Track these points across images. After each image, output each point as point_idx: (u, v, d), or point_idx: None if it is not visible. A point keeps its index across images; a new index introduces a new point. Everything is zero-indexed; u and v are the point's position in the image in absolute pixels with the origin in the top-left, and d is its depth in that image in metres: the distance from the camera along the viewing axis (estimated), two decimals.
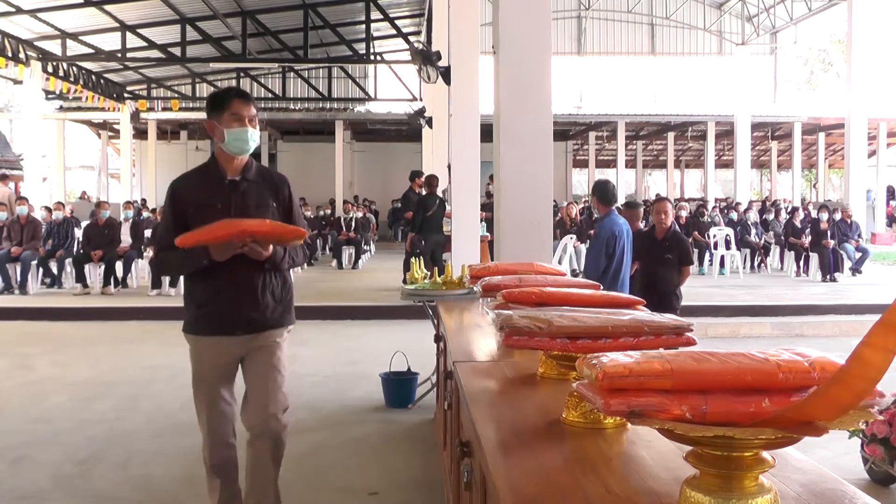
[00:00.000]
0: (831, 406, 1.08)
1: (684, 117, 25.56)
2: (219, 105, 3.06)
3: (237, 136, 3.03)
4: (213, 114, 3.07)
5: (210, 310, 3.06)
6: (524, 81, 4.95)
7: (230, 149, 3.05)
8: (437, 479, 3.96)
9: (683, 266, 6.25)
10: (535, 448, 1.62)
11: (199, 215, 2.95)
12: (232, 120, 3.03)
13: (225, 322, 3.06)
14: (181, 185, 3.12)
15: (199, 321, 3.10)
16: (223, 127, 3.03)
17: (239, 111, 3.03)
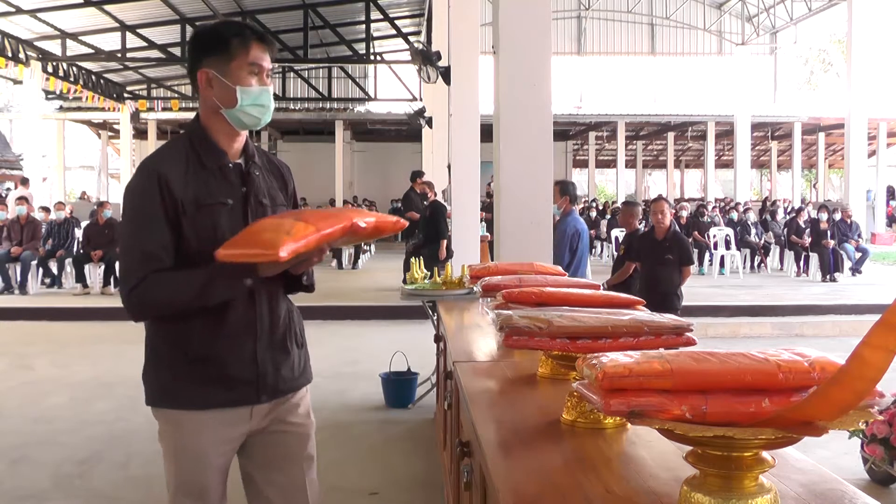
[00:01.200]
0: (831, 406, 1.08)
1: (684, 117, 25.57)
2: (222, 47, 1.94)
3: (256, 98, 1.95)
4: (212, 60, 1.95)
5: (220, 364, 1.94)
6: (524, 81, 4.95)
7: (241, 118, 1.96)
8: (437, 479, 3.96)
9: (684, 266, 6.25)
10: (535, 448, 1.62)
11: (202, 219, 1.91)
12: (248, 73, 1.95)
13: (246, 383, 1.97)
14: (167, 169, 1.91)
15: (196, 384, 1.93)
16: (231, 82, 1.93)
17: (259, 60, 1.97)
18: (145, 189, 1.91)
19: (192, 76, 1.99)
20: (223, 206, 1.95)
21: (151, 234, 1.89)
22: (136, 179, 1.95)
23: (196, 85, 1.98)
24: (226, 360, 1.95)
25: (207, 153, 1.98)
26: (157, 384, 1.98)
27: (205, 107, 2.00)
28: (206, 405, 1.95)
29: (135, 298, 1.87)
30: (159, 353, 1.98)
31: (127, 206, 1.94)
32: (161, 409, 2.00)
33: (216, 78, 1.95)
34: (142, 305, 1.89)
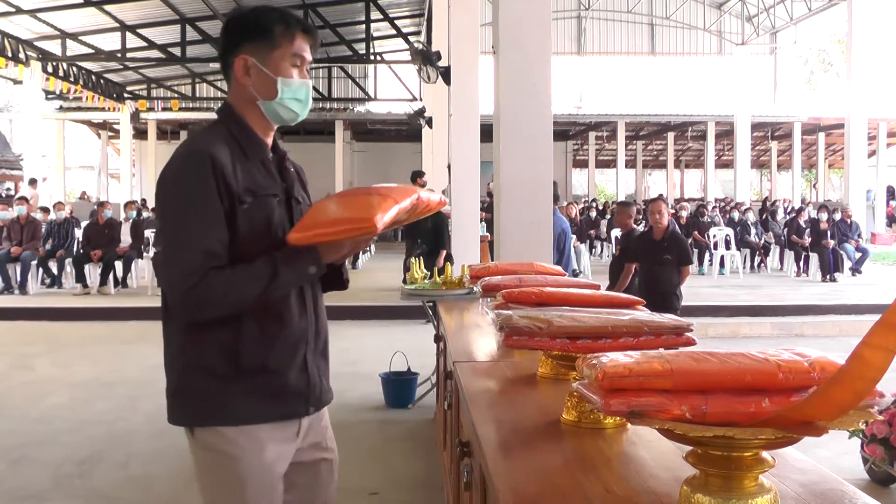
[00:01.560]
0: (831, 406, 1.08)
1: (684, 117, 25.57)
2: (265, 34, 1.79)
3: (296, 91, 1.82)
4: (252, 46, 1.80)
5: (276, 373, 1.76)
6: (524, 81, 4.94)
7: (279, 112, 1.82)
8: (437, 479, 3.96)
9: (682, 266, 6.25)
10: (535, 448, 1.62)
11: (258, 212, 1.75)
12: (290, 64, 1.81)
13: (297, 394, 1.80)
14: (219, 154, 1.71)
15: (251, 396, 1.73)
16: (272, 72, 1.79)
17: (302, 51, 1.83)
18: (199, 175, 1.68)
19: (226, 61, 1.83)
20: (275, 199, 1.81)
21: (209, 227, 1.68)
22: (184, 164, 1.71)
23: (229, 71, 1.83)
24: (282, 368, 1.76)
25: (249, 144, 1.81)
26: (204, 399, 1.72)
27: (239, 96, 1.83)
28: (263, 419, 1.74)
29: (194, 299, 1.64)
30: (204, 364, 1.72)
31: (176, 195, 1.70)
32: (210, 429, 1.72)
33: (255, 66, 1.79)
34: (202, 305, 1.65)
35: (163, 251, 1.73)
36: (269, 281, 1.69)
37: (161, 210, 1.75)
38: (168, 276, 1.70)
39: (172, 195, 1.72)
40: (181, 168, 1.72)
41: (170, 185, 1.73)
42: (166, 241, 1.72)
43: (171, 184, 1.73)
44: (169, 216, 1.73)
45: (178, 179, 1.72)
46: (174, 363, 1.77)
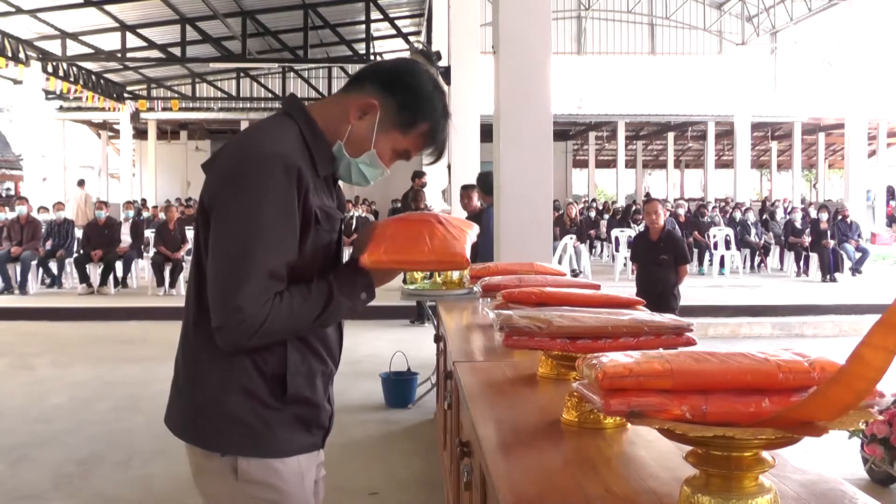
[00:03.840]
0: (831, 406, 1.08)
1: (684, 117, 25.57)
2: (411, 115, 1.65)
3: (372, 171, 1.68)
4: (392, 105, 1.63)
5: (314, 403, 1.66)
6: (524, 81, 4.95)
7: (340, 167, 1.66)
8: (437, 479, 3.96)
9: (680, 266, 6.26)
10: (535, 448, 1.62)
11: (326, 234, 1.62)
12: (394, 152, 1.69)
13: (320, 424, 1.71)
14: (302, 164, 1.54)
15: (287, 427, 1.62)
16: (375, 143, 1.64)
17: (412, 155, 1.74)
18: (282, 187, 1.49)
19: (361, 83, 1.64)
20: (340, 222, 1.67)
21: (279, 247, 1.49)
22: (264, 169, 1.49)
23: (351, 87, 1.65)
24: (319, 400, 1.66)
25: (321, 157, 1.61)
26: (249, 428, 1.57)
27: (331, 115, 1.63)
28: (302, 450, 1.64)
29: (252, 325, 1.47)
30: (248, 390, 1.56)
31: (252, 204, 1.48)
32: (257, 460, 1.58)
33: (371, 122, 1.62)
34: (259, 333, 1.48)
35: (222, 265, 1.49)
36: (323, 308, 1.55)
37: (226, 213, 1.50)
38: (224, 296, 1.48)
39: (247, 203, 1.48)
40: (259, 171, 1.49)
41: (244, 189, 1.49)
42: (229, 256, 1.48)
43: (246, 189, 1.49)
44: (235, 224, 1.49)
45: (257, 186, 1.48)
46: (204, 381, 1.60)
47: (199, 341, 1.60)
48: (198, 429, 1.62)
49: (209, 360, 1.59)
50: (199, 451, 1.63)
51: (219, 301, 1.49)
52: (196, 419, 1.62)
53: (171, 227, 11.60)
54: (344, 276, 1.61)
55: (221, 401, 1.58)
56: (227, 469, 1.59)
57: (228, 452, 1.59)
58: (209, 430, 1.60)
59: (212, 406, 1.59)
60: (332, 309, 1.57)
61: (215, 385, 1.58)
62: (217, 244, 1.50)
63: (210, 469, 1.63)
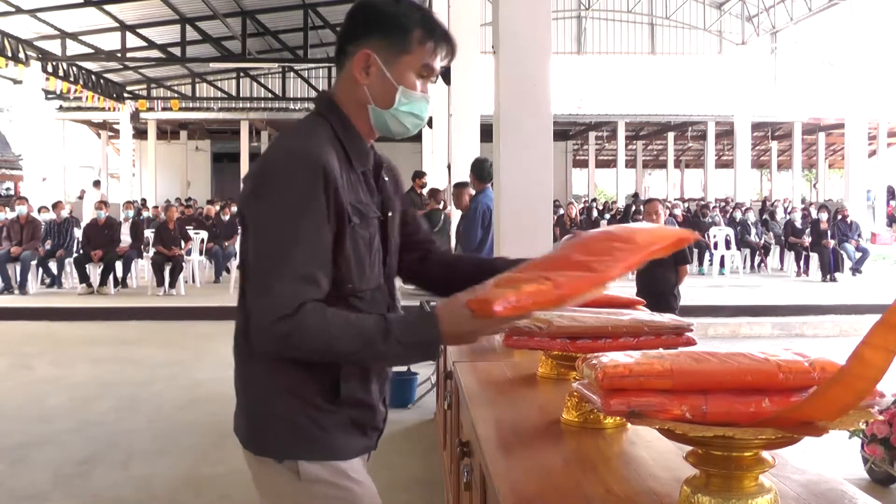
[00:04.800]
0: (831, 406, 1.08)
1: (684, 117, 25.57)
2: (399, 33, 1.55)
3: (416, 106, 1.58)
4: (380, 43, 1.54)
5: (369, 406, 1.61)
6: (524, 81, 4.94)
7: (388, 124, 1.59)
8: (437, 479, 3.96)
9: (680, 266, 6.26)
10: (535, 448, 1.62)
11: (361, 236, 1.54)
12: (418, 74, 1.58)
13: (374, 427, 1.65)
14: (330, 162, 1.47)
15: (349, 429, 1.57)
16: (395, 79, 1.55)
17: (434, 63, 1.60)
18: (309, 186, 1.43)
19: (344, 49, 1.57)
20: (377, 219, 1.58)
21: (313, 250, 1.44)
22: (289, 169, 1.44)
23: (344, 61, 1.57)
24: (374, 402, 1.60)
25: (355, 151, 1.55)
26: (306, 430, 1.52)
27: (348, 93, 1.58)
28: (357, 452, 1.59)
29: (281, 332, 1.40)
30: (301, 393, 1.51)
31: (277, 205, 1.43)
32: (320, 462, 1.53)
33: (378, 67, 1.54)
34: (289, 342, 1.41)
35: (254, 268, 1.46)
36: (364, 343, 1.41)
37: (255, 219, 1.48)
38: (256, 297, 1.45)
39: (274, 204, 1.44)
40: (288, 174, 1.44)
41: (268, 189, 1.45)
42: (259, 260, 1.45)
43: (271, 189, 1.45)
44: (264, 227, 1.45)
45: (282, 186, 1.44)
46: (255, 385, 1.56)
47: (247, 346, 1.55)
48: (255, 435, 1.58)
49: (260, 365, 1.54)
50: (256, 456, 1.58)
51: (253, 303, 1.46)
52: (252, 425, 1.58)
53: (170, 227, 11.60)
54: (409, 319, 1.44)
55: (274, 405, 1.53)
56: (288, 472, 1.53)
57: (286, 458, 1.53)
58: (267, 436, 1.56)
59: (265, 411, 1.55)
60: (376, 350, 1.43)
61: (266, 390, 1.54)
62: (249, 248, 1.48)
63: (270, 474, 1.56)
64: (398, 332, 1.41)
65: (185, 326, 9.38)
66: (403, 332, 1.42)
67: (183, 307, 10.18)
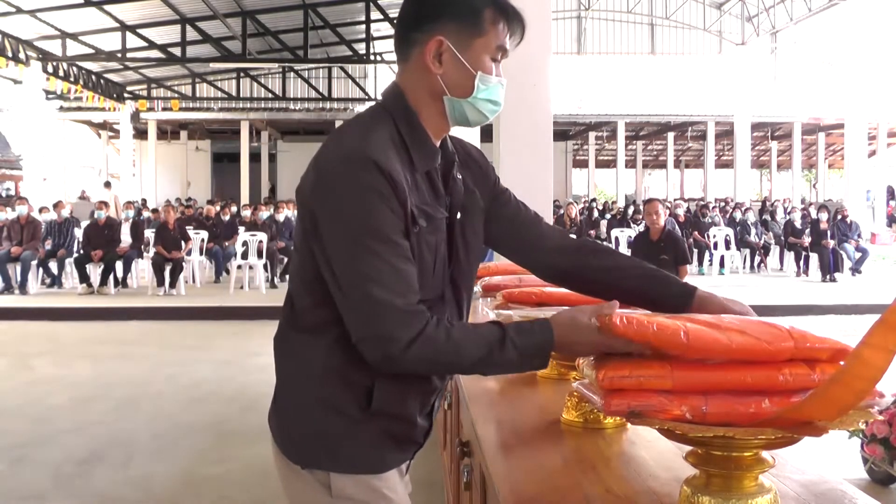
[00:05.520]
0: (831, 406, 1.08)
1: (684, 117, 25.58)
2: (470, 15, 1.44)
3: (493, 91, 1.47)
4: (453, 27, 1.43)
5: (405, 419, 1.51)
6: (524, 81, 4.95)
7: (467, 114, 1.48)
8: (437, 479, 3.96)
9: (680, 266, 6.25)
10: (535, 448, 1.62)
11: (426, 240, 1.43)
12: (492, 57, 1.47)
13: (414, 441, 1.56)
14: (391, 164, 1.36)
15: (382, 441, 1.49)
16: (471, 64, 1.44)
17: (507, 44, 1.50)
18: (379, 189, 1.33)
19: (411, 38, 1.45)
20: (441, 223, 1.47)
21: (407, 253, 1.35)
22: (348, 173, 1.34)
23: (412, 51, 1.45)
24: (411, 416, 1.50)
25: (419, 150, 1.44)
26: (325, 440, 1.46)
27: (419, 84, 1.46)
28: (385, 466, 1.50)
29: (406, 337, 1.31)
30: (337, 405, 1.44)
31: (355, 214, 1.33)
32: (351, 476, 1.46)
33: (451, 53, 1.42)
34: (414, 349, 1.32)
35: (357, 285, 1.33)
36: (489, 350, 1.33)
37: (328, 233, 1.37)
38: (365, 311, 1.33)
39: (353, 217, 1.34)
40: (344, 179, 1.35)
41: (337, 201, 1.35)
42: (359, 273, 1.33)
43: (345, 201, 1.34)
44: (349, 245, 1.34)
45: (355, 195, 1.34)
46: (292, 387, 1.51)
47: (285, 342, 1.51)
48: (287, 439, 1.52)
49: (297, 365, 1.49)
50: (286, 460, 1.51)
51: (356, 316, 1.36)
52: (285, 428, 1.52)
53: (170, 227, 11.61)
54: (522, 325, 1.37)
55: (307, 414, 1.47)
56: (318, 484, 1.47)
57: (316, 468, 1.47)
58: (296, 442, 1.50)
59: (298, 415, 1.49)
60: (499, 357, 1.33)
61: (301, 397, 1.48)
62: (334, 262, 1.36)
63: (299, 481, 1.50)
64: (514, 336, 1.34)
65: (185, 326, 9.38)
66: (519, 337, 1.34)
67: (183, 307, 10.18)
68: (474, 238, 1.56)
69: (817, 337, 1.19)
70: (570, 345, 1.35)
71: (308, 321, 1.46)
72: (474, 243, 1.56)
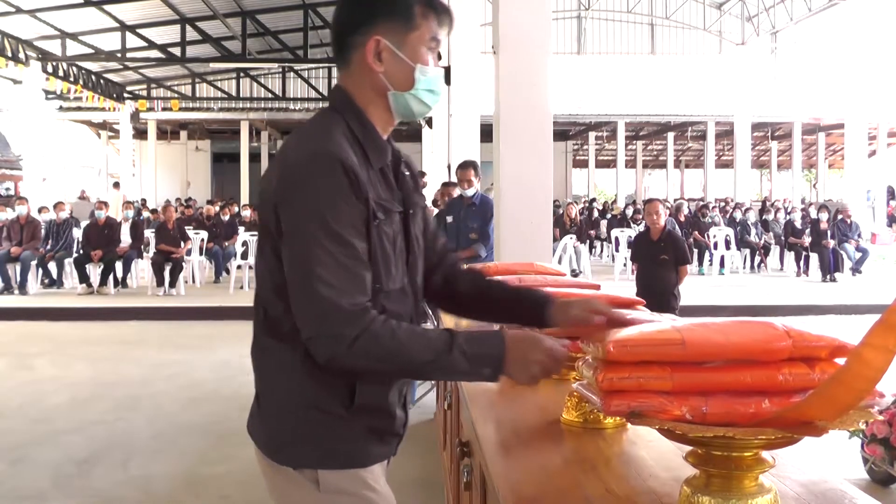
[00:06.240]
0: (831, 406, 1.08)
1: (684, 117, 25.58)
2: (403, 11, 1.52)
3: (433, 81, 1.55)
4: (387, 25, 1.51)
5: (387, 412, 1.59)
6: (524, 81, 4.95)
7: (411, 105, 1.56)
8: (437, 479, 3.96)
9: (680, 266, 6.26)
10: (535, 448, 1.62)
11: (384, 232, 1.49)
12: (428, 48, 1.55)
13: (394, 433, 1.66)
14: (350, 159, 1.44)
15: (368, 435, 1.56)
16: (409, 58, 1.52)
17: (439, 35, 1.56)
18: (341, 188, 1.40)
19: (348, 42, 1.53)
20: (399, 214, 1.54)
21: (360, 255, 1.41)
22: (317, 172, 1.40)
23: (351, 54, 1.53)
24: (391, 408, 1.58)
25: (372, 147, 1.51)
26: (313, 440, 1.50)
27: (363, 84, 1.53)
28: (377, 459, 1.58)
29: (351, 334, 1.36)
30: (319, 403, 1.48)
31: (313, 212, 1.39)
32: (340, 471, 1.50)
33: (390, 50, 1.50)
34: (359, 345, 1.37)
35: (301, 279, 1.40)
36: (436, 355, 1.38)
37: (292, 227, 1.42)
38: (314, 311, 1.38)
39: (310, 211, 1.40)
40: (316, 178, 1.40)
41: (306, 199, 1.40)
42: (305, 269, 1.39)
43: (306, 198, 1.40)
44: (308, 238, 1.39)
45: (314, 193, 1.40)
46: (273, 390, 1.54)
47: (274, 356, 1.53)
48: (272, 442, 1.55)
49: (274, 369, 1.52)
50: (273, 463, 1.54)
51: (303, 313, 1.41)
52: (269, 430, 1.55)
53: (169, 227, 11.61)
54: (473, 333, 1.42)
55: (290, 412, 1.51)
56: (306, 481, 1.50)
57: (300, 466, 1.51)
58: (284, 443, 1.52)
59: (282, 417, 1.52)
60: (446, 362, 1.38)
61: (283, 395, 1.51)
62: (289, 257, 1.42)
63: (287, 482, 1.53)
64: (464, 343, 1.39)
65: (185, 326, 9.38)
66: (469, 344, 1.39)
67: (183, 307, 10.18)
68: (421, 233, 1.63)
69: (814, 335, 1.19)
70: (522, 360, 1.41)
71: (285, 327, 1.47)
72: (421, 238, 1.63)
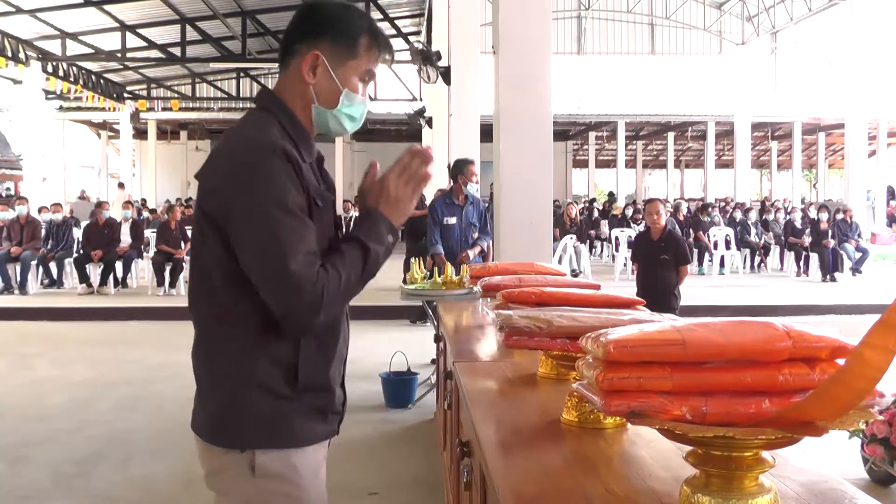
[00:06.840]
0: (831, 406, 1.08)
1: (684, 117, 25.57)
2: (348, 39, 1.65)
3: (356, 109, 1.71)
4: (330, 46, 1.64)
5: (328, 391, 1.68)
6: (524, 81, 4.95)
7: (328, 123, 1.70)
8: (437, 479, 3.96)
9: (680, 266, 6.26)
10: (535, 448, 1.62)
11: (324, 217, 1.64)
12: (360, 79, 1.69)
13: (336, 412, 1.72)
14: (290, 149, 1.58)
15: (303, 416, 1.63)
16: (340, 81, 1.66)
17: (375, 69, 1.71)
18: (285, 171, 1.52)
19: (292, 49, 1.67)
20: (331, 205, 1.68)
21: (308, 228, 1.53)
22: (264, 158, 1.52)
23: (291, 60, 1.67)
24: (332, 386, 1.67)
25: (303, 143, 1.65)
26: (265, 420, 1.58)
27: (293, 91, 1.67)
28: (317, 439, 1.65)
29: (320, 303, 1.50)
30: (261, 382, 1.58)
31: (263, 194, 1.50)
32: (275, 451, 1.59)
33: (325, 68, 1.64)
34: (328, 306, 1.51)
35: (264, 258, 1.50)
36: (364, 262, 1.58)
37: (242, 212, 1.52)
38: (279, 285, 1.50)
39: (261, 195, 1.51)
40: (261, 163, 1.52)
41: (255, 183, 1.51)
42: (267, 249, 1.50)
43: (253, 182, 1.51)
44: (262, 220, 1.50)
45: (263, 177, 1.51)
46: (223, 380, 1.62)
47: (218, 341, 1.63)
48: (219, 428, 1.63)
49: (224, 357, 1.61)
50: (218, 450, 1.63)
51: (276, 291, 1.51)
52: (217, 418, 1.63)
53: (171, 227, 11.61)
54: (366, 226, 1.62)
55: (240, 396, 1.59)
56: (245, 466, 1.60)
57: (249, 447, 1.59)
58: (230, 427, 1.61)
59: (231, 403, 1.61)
60: (372, 259, 1.59)
61: (232, 382, 1.60)
62: (249, 241, 1.52)
63: (227, 468, 1.62)
64: (366, 239, 1.59)
65: (185, 326, 9.32)
66: (368, 235, 1.60)
67: (183, 307, 10.03)
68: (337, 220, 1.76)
69: (815, 335, 1.19)
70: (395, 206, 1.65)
71: (236, 313, 1.58)
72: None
